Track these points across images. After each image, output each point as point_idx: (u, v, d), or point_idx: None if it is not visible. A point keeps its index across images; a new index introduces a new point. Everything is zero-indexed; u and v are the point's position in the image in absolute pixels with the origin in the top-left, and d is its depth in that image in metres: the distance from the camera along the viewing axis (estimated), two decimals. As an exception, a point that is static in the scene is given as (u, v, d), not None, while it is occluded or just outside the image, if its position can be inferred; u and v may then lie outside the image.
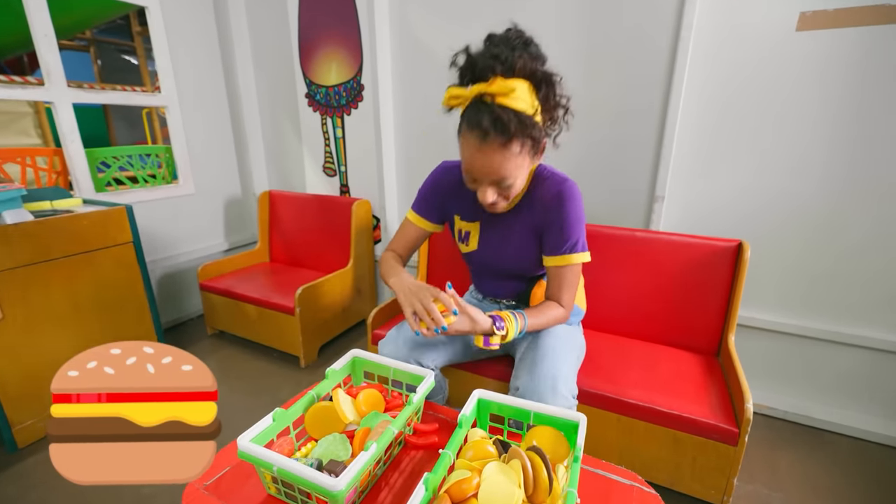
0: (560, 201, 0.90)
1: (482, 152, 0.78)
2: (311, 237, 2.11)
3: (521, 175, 0.83)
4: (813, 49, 1.20)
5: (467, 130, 0.79)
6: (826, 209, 1.30)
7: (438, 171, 1.05)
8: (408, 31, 1.75)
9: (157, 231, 2.03)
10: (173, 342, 1.99)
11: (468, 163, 0.82)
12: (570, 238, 0.92)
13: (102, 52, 5.05)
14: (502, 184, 0.82)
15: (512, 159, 0.79)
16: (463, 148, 0.82)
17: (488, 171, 0.80)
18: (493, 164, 0.79)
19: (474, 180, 0.84)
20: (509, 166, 0.79)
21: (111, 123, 5.27)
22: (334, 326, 1.93)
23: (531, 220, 0.96)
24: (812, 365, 1.43)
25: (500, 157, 0.78)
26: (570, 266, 0.93)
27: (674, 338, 1.36)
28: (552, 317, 0.94)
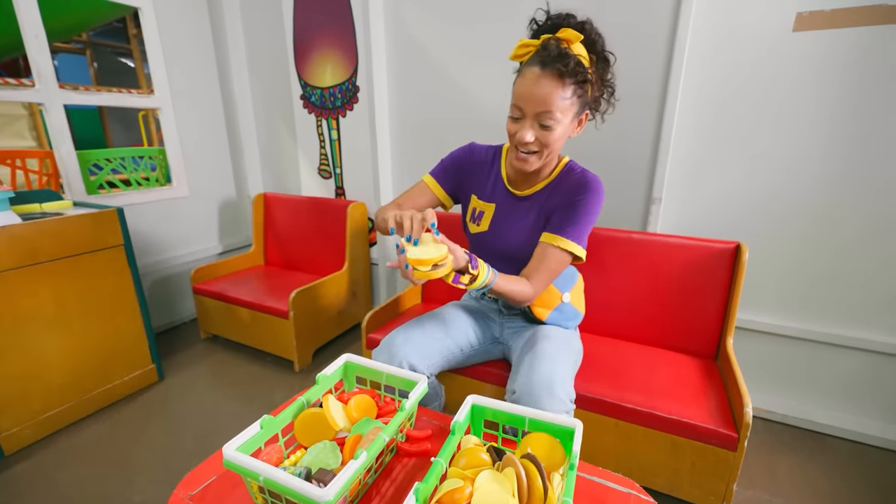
0: (581, 189, 0.93)
1: (537, 81, 0.81)
2: (305, 240, 2.09)
3: (563, 124, 0.85)
4: (810, 49, 1.20)
5: (527, 65, 0.85)
6: (824, 209, 1.29)
7: (465, 148, 1.09)
8: (403, 32, 1.74)
9: (150, 234, 2.00)
10: (166, 346, 2.00)
11: (519, 93, 0.84)
12: (572, 223, 0.92)
13: (99, 54, 5.04)
14: (546, 122, 0.83)
15: (561, 97, 0.81)
16: (517, 84, 0.86)
17: (538, 99, 0.82)
18: (543, 93, 0.81)
19: (520, 113, 0.85)
20: (557, 101, 0.81)
21: (107, 126, 5.24)
22: (329, 330, 1.91)
23: (549, 207, 0.97)
24: (811, 368, 1.41)
25: (552, 89, 0.81)
26: (558, 249, 0.93)
27: (672, 341, 1.34)
28: (518, 290, 0.91)
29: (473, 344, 1.10)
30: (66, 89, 1.66)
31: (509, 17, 1.52)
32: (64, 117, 1.66)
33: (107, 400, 1.53)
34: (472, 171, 1.07)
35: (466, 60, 1.66)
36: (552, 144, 0.86)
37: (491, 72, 1.62)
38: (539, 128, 0.85)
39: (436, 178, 1.08)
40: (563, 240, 0.92)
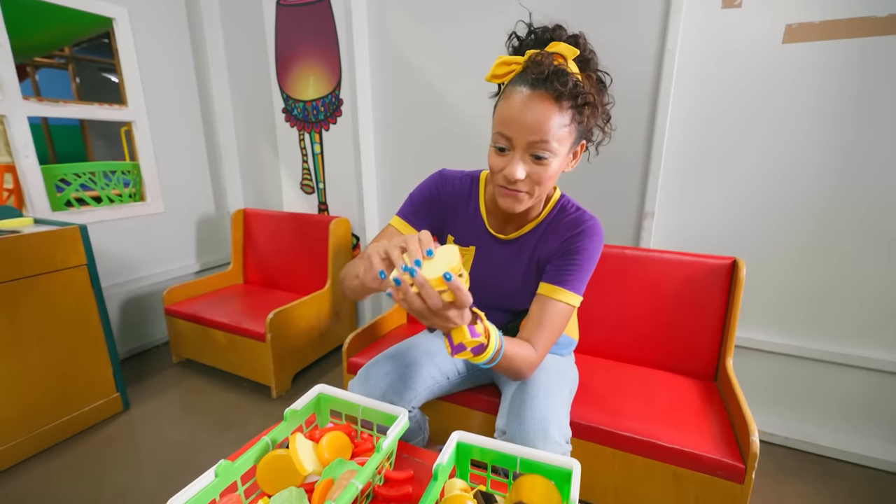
0: (580, 235, 0.80)
1: (529, 104, 0.67)
2: (287, 257, 2.00)
3: (559, 156, 0.70)
4: (801, 61, 1.18)
5: (512, 85, 0.70)
6: (820, 222, 1.26)
7: (435, 177, 0.90)
8: (388, 44, 1.70)
9: (120, 253, 1.90)
10: (135, 373, 1.87)
11: (505, 118, 0.69)
12: (573, 272, 0.79)
13: (82, 69, 4.95)
14: (540, 153, 0.68)
15: (559, 124, 0.67)
16: (501, 108, 0.71)
17: (531, 126, 0.67)
18: (537, 118, 0.67)
19: (507, 144, 0.70)
20: (554, 129, 0.67)
21: (89, 142, 5.12)
22: (310, 353, 1.81)
23: (543, 252, 0.84)
24: (812, 387, 1.36)
25: (546, 112, 0.67)
26: (558, 303, 0.78)
27: (669, 362, 1.28)
28: (525, 359, 0.74)
29: (461, 370, 1.02)
30: (30, 101, 1.57)
31: (497, 27, 1.49)
32: (27, 130, 1.57)
33: (64, 433, 1.41)
34: (446, 205, 0.89)
35: (453, 72, 1.62)
36: (546, 182, 0.71)
37: (478, 83, 1.58)
38: (532, 161, 0.70)
39: (407, 219, 0.88)
40: (564, 292, 0.78)
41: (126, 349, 1.95)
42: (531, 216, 0.85)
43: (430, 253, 0.58)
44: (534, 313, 0.79)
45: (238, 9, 1.99)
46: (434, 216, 0.89)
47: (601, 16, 1.35)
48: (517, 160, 0.70)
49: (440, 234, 0.93)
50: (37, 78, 5.13)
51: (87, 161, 4.59)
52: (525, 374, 0.77)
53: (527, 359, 0.75)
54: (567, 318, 0.80)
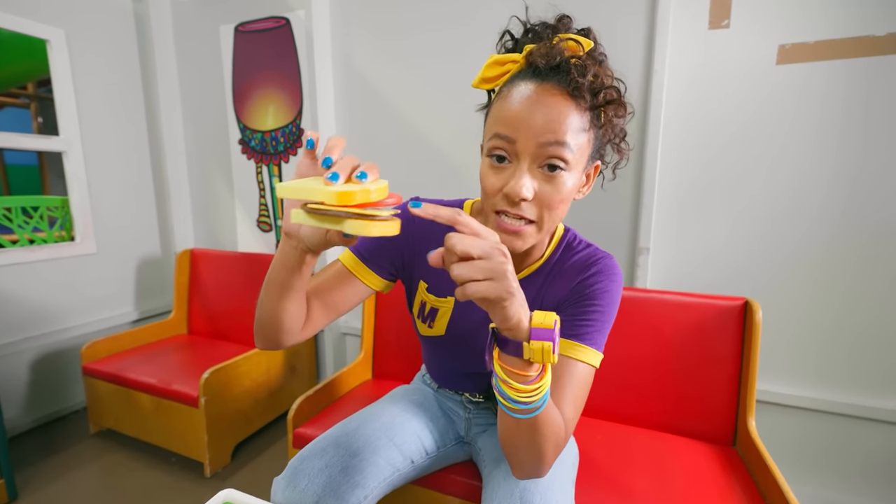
0: (597, 276, 0.63)
1: (536, 98, 0.51)
2: (236, 304, 1.76)
3: (576, 171, 0.53)
4: (799, 83, 1.09)
5: (511, 83, 0.55)
6: (827, 256, 1.13)
7: (401, 208, 0.67)
8: (352, 68, 1.58)
9: (36, 301, 1.62)
10: (39, 447, 1.50)
11: (506, 115, 0.53)
12: (592, 322, 0.61)
13: (45, 108, 4.76)
14: (555, 160, 0.51)
15: (575, 123, 0.51)
16: (499, 107, 0.54)
17: (541, 122, 0.50)
18: (549, 114, 0.50)
19: (508, 151, 0.53)
20: (570, 128, 0.51)
21: (46, 180, 4.85)
22: (256, 417, 1.53)
23: (547, 298, 0.66)
24: (839, 447, 1.18)
25: (561, 108, 0.51)
26: (577, 363, 0.58)
27: (678, 423, 1.09)
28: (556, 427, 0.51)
29: (429, 450, 0.79)
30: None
31: (472, 41, 1.39)
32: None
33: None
34: (416, 245, 0.69)
35: (424, 96, 1.49)
36: (557, 208, 0.54)
37: (452, 106, 1.45)
38: (542, 176, 0.52)
39: (361, 256, 0.67)
40: (583, 349, 0.59)
41: (34, 417, 1.63)
42: (533, 257, 0.66)
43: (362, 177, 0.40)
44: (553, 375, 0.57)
45: (193, 34, 1.86)
46: (398, 258, 0.69)
47: (581, 38, 1.26)
48: (523, 172, 0.52)
49: (409, 283, 0.74)
50: (-4, 118, 4.90)
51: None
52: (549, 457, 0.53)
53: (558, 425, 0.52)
54: (589, 382, 0.60)
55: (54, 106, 1.66)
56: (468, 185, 1.45)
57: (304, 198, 0.41)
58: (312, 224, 0.42)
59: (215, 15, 1.78)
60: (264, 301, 0.57)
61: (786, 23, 1.08)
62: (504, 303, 0.42)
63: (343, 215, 0.40)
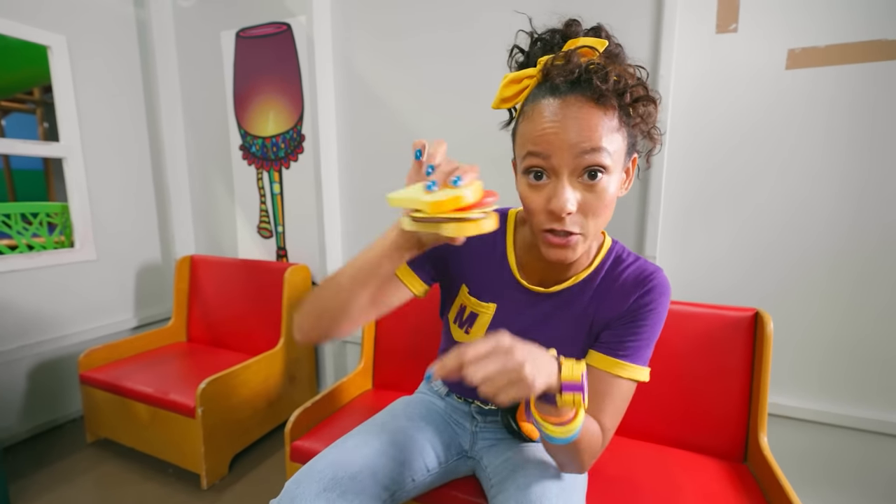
0: (650, 293, 0.63)
1: (564, 113, 0.51)
2: (236, 311, 1.74)
3: (616, 173, 0.54)
4: (809, 88, 1.06)
5: (534, 101, 0.55)
6: (836, 265, 1.10)
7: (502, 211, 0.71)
8: (353, 72, 1.56)
9: (34, 308, 1.61)
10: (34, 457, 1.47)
11: (537, 134, 0.53)
12: (639, 341, 0.62)
13: (50, 113, 4.80)
14: (595, 168, 0.52)
15: (607, 128, 0.51)
16: (527, 128, 0.55)
17: (574, 135, 0.51)
18: (580, 125, 0.51)
19: (545, 167, 0.53)
20: (604, 134, 0.51)
21: (52, 186, 4.87)
22: (254, 428, 1.50)
23: (600, 312, 0.66)
24: (854, 463, 1.14)
25: (591, 117, 0.51)
26: (620, 381, 0.61)
27: (687, 438, 1.05)
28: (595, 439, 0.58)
29: (432, 466, 0.77)
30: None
31: (476, 45, 1.37)
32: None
33: None
34: (462, 248, 0.68)
35: (422, 102, 1.48)
36: (603, 214, 0.55)
37: (455, 110, 1.43)
38: (583, 185, 0.53)
39: (410, 263, 0.67)
40: (629, 366, 0.61)
41: (30, 427, 1.60)
42: (580, 264, 0.67)
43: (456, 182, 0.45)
44: (592, 389, 0.61)
45: (195, 41, 1.85)
46: (441, 262, 0.71)
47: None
48: (564, 187, 0.53)
49: (450, 286, 0.74)
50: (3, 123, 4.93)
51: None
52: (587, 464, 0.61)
53: (596, 439, 0.59)
54: (630, 395, 0.64)
55: (56, 112, 1.65)
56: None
57: (407, 207, 0.47)
58: (419, 230, 0.47)
59: (217, 21, 1.78)
60: (343, 285, 0.58)
61: (795, 26, 1.05)
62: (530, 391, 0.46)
63: (441, 220, 0.44)
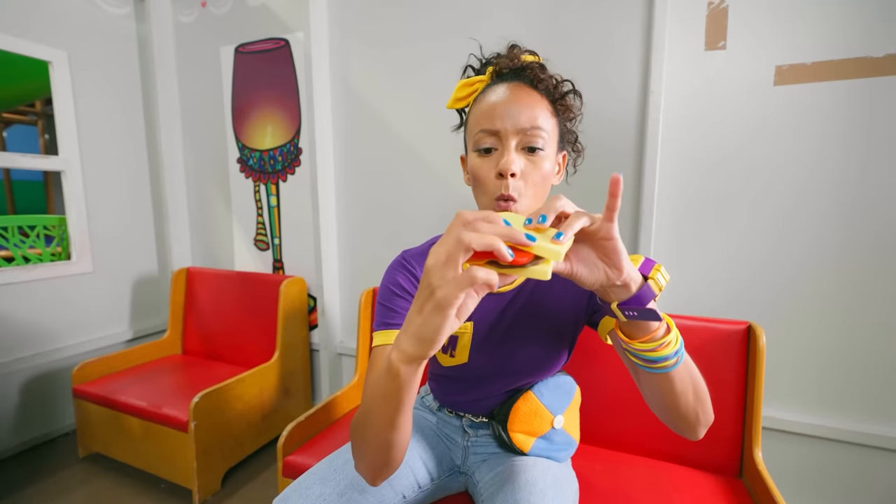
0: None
1: (510, 94, 0.62)
2: (231, 323, 1.74)
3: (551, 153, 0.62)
4: (798, 104, 1.08)
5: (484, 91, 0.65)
6: (832, 278, 1.10)
7: (397, 263, 0.70)
8: (350, 84, 1.58)
9: (29, 320, 1.60)
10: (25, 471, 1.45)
11: (487, 111, 0.62)
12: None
13: (51, 125, 4.82)
14: (534, 143, 0.60)
15: (543, 111, 0.62)
16: (478, 109, 0.64)
17: (518, 112, 0.60)
18: (522, 106, 0.61)
19: (493, 138, 0.61)
20: (541, 116, 0.61)
21: (51, 197, 4.89)
22: (248, 442, 1.49)
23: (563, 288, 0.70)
24: (850, 478, 1.14)
25: (530, 99, 0.62)
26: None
27: (682, 452, 1.05)
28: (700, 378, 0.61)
29: (423, 483, 0.76)
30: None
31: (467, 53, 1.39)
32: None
33: None
34: None
35: (418, 117, 1.49)
36: (542, 183, 0.62)
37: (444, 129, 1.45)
38: (525, 155, 0.61)
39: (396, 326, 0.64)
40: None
41: (21, 440, 1.59)
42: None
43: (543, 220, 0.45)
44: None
45: (194, 55, 1.88)
46: None
47: (579, 61, 1.25)
48: (510, 151, 0.60)
49: None
50: (4, 135, 4.96)
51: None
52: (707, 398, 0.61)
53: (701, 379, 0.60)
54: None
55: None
56: (465, 198, 1.44)
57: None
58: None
59: (216, 36, 1.81)
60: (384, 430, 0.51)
61: (783, 44, 1.07)
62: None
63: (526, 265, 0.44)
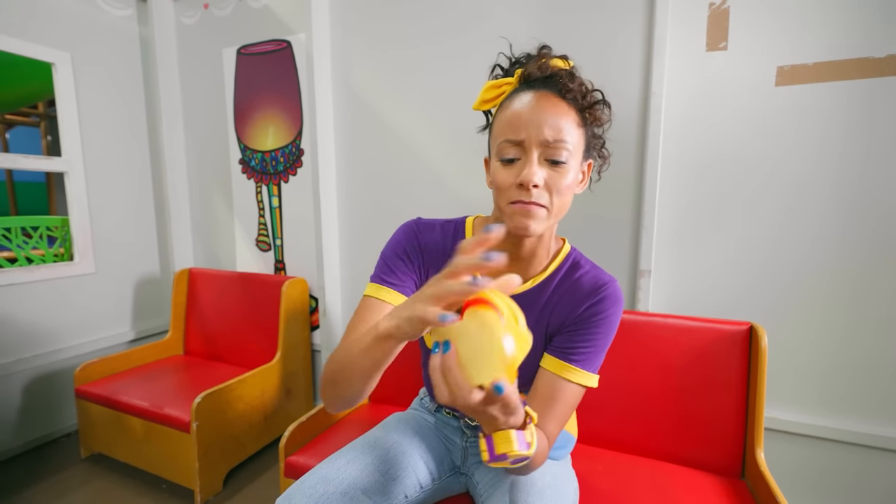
0: (599, 302, 0.67)
1: (536, 103, 0.60)
2: (233, 324, 1.74)
3: (574, 165, 0.61)
4: (800, 105, 1.08)
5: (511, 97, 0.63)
6: (835, 277, 1.10)
7: (411, 226, 0.73)
8: (352, 84, 1.59)
9: (31, 321, 1.61)
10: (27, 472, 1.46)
11: (512, 121, 0.60)
12: (590, 348, 0.66)
13: (54, 127, 4.84)
14: (557, 156, 0.59)
15: (570, 122, 0.60)
16: (503, 117, 0.62)
17: (543, 123, 0.59)
18: (548, 116, 0.59)
19: (517, 149, 0.60)
20: (567, 127, 0.59)
21: (53, 198, 4.90)
22: (250, 442, 1.49)
23: (554, 314, 0.69)
24: (853, 479, 1.13)
25: (557, 109, 0.60)
26: (570, 385, 0.65)
27: (684, 453, 1.05)
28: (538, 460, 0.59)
29: (425, 483, 0.76)
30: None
31: (474, 54, 1.39)
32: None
33: None
34: (429, 259, 0.71)
35: (420, 117, 1.50)
36: (564, 194, 0.61)
37: (452, 123, 1.45)
38: (548, 166, 0.60)
39: (388, 283, 0.67)
40: (579, 372, 0.65)
41: (24, 441, 1.59)
42: (539, 264, 0.71)
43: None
44: (540, 393, 0.65)
45: (197, 57, 1.88)
46: (417, 273, 0.71)
47: (581, 62, 1.24)
48: (533, 163, 0.59)
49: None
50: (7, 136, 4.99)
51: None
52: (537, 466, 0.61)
53: (543, 454, 0.60)
54: (577, 400, 0.67)
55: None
56: (468, 200, 1.45)
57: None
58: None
59: (218, 38, 1.81)
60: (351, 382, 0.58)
61: (784, 44, 1.07)
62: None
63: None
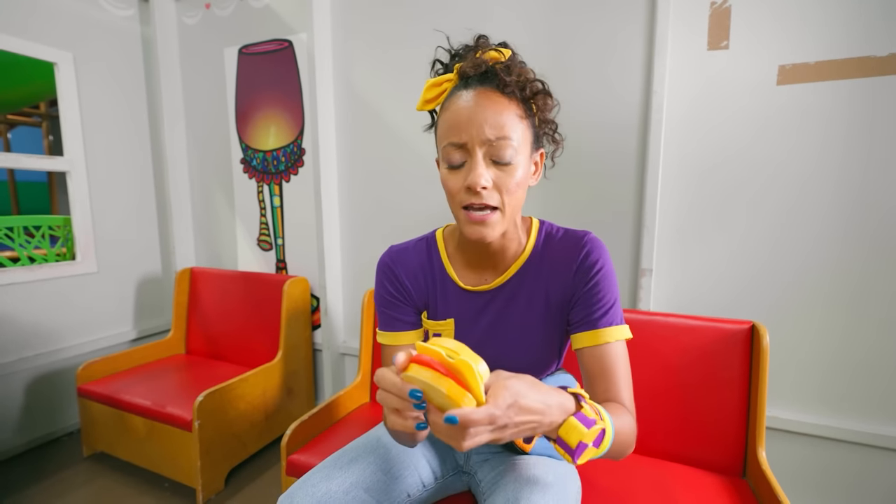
0: (587, 255, 0.67)
1: (475, 102, 0.59)
2: (235, 323, 1.74)
3: (523, 159, 0.61)
4: (802, 103, 1.07)
5: (450, 97, 0.63)
6: (836, 276, 1.10)
7: (384, 263, 0.75)
8: (353, 91, 1.59)
9: (34, 320, 1.61)
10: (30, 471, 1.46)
11: (453, 123, 0.60)
12: (605, 303, 0.66)
13: (55, 127, 4.86)
14: (502, 155, 0.58)
15: (513, 116, 0.59)
16: (444, 119, 0.62)
17: (484, 122, 0.58)
18: (488, 113, 0.58)
19: (460, 153, 0.60)
20: (510, 123, 0.58)
21: (55, 198, 4.92)
22: (252, 441, 1.49)
23: (543, 289, 0.70)
24: (855, 478, 1.13)
25: (497, 106, 0.59)
26: (611, 347, 0.64)
27: (685, 452, 1.05)
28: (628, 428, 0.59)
29: (427, 482, 0.77)
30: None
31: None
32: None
33: None
34: (414, 285, 0.74)
35: (419, 117, 1.50)
36: (515, 192, 0.61)
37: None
38: (495, 166, 0.59)
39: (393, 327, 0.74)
40: (611, 329, 0.65)
41: (26, 440, 1.60)
42: (513, 253, 0.71)
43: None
44: (595, 372, 0.65)
45: (199, 57, 1.89)
46: (411, 303, 0.75)
47: (582, 62, 1.26)
48: (478, 164, 0.59)
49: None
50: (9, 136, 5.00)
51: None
52: (631, 446, 0.62)
53: (630, 425, 0.60)
54: (627, 354, 0.66)
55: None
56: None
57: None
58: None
59: (220, 38, 1.82)
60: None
61: (785, 43, 1.07)
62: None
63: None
